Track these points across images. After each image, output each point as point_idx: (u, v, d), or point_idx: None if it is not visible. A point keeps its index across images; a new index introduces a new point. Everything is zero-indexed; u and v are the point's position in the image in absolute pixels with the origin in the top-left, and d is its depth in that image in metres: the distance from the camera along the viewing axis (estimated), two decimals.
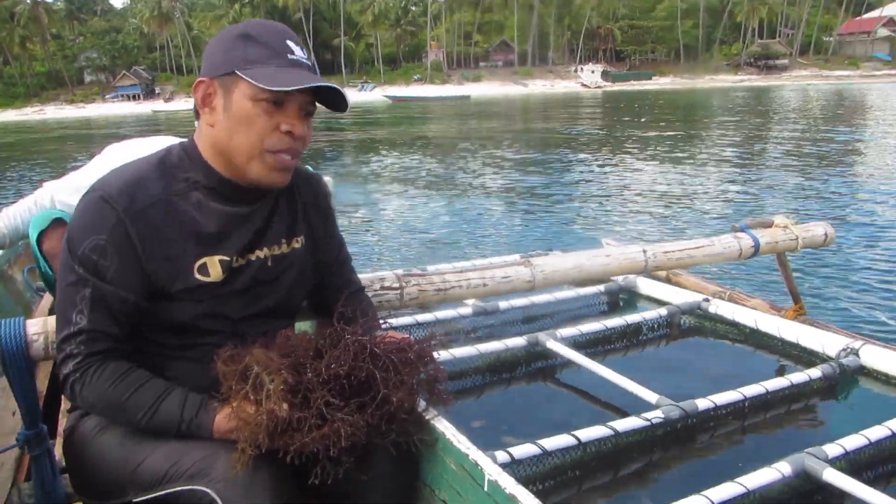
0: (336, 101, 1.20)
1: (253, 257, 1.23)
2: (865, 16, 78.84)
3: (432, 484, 1.26)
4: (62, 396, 1.88)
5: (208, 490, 1.04)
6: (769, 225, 2.53)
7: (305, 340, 1.14)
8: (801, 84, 60.57)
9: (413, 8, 79.09)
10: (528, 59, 76.46)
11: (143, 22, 71.08)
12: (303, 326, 1.50)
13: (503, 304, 2.86)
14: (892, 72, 69.39)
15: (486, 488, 1.12)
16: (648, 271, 2.42)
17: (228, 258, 1.19)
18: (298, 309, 1.39)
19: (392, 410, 1.11)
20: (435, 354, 1.23)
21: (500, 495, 1.08)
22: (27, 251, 2.93)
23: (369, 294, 1.66)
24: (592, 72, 72.25)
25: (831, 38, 79.30)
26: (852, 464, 1.83)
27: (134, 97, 65.23)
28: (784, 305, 2.92)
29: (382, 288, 1.81)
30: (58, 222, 2.00)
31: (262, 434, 1.02)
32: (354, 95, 59.42)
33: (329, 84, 1.15)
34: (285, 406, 1.03)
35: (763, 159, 12.16)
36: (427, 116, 30.57)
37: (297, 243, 1.30)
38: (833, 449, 1.80)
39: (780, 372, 2.29)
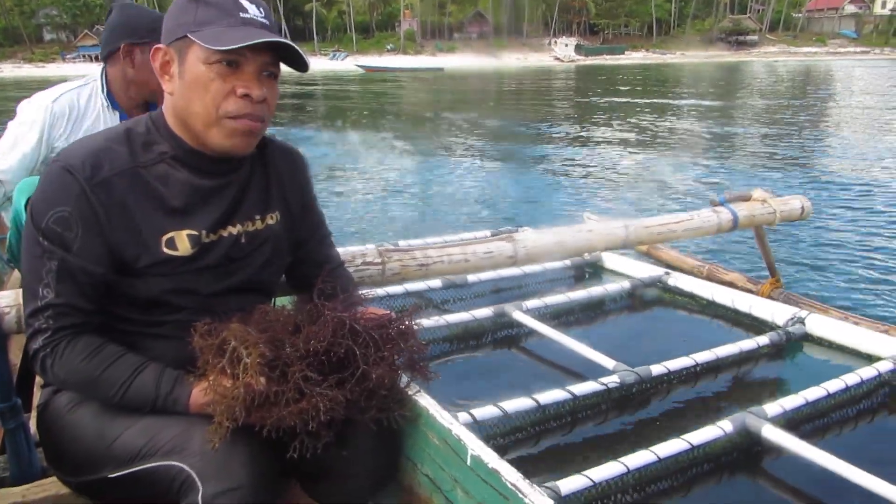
0: (295, 59, 1.14)
1: (225, 233, 1.18)
2: None
3: (415, 458, 1.26)
4: None
5: (184, 466, 1.02)
6: (748, 198, 2.56)
7: (284, 315, 1.12)
8: (769, 61, 61.29)
9: None
10: (502, 31, 75.83)
11: None
12: (283, 302, 1.49)
13: (472, 278, 2.93)
14: (858, 49, 70.71)
15: (468, 462, 1.12)
16: (629, 246, 2.45)
17: (197, 233, 1.14)
18: (275, 285, 1.35)
19: (372, 387, 1.10)
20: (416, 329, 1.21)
21: (483, 469, 1.09)
22: None
23: (350, 269, 1.63)
24: (566, 45, 72.01)
25: (800, 15, 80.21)
26: (790, 422, 1.98)
27: (95, 58, 62.95)
28: (762, 279, 3.01)
29: (364, 263, 1.80)
30: None
31: (238, 407, 1.00)
32: (326, 64, 58.26)
33: (280, 40, 1.09)
34: (262, 379, 1.01)
35: (738, 134, 12.36)
36: (400, 87, 30.22)
37: (272, 219, 1.26)
38: (773, 408, 1.94)
39: (732, 339, 2.41)
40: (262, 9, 1.13)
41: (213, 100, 1.08)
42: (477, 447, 1.11)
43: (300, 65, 1.15)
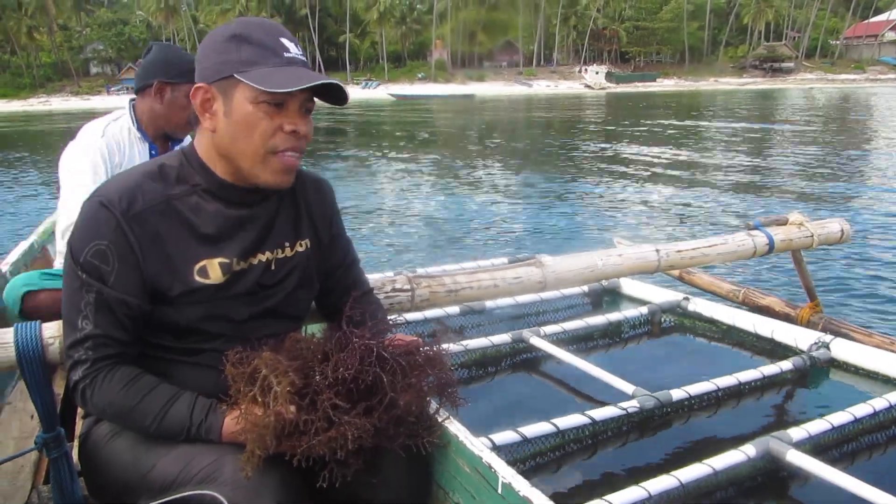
0: (336, 95, 1.17)
1: (255, 261, 1.21)
2: (873, 19, 78.55)
3: (446, 486, 1.27)
4: None
5: (217, 494, 1.03)
6: (784, 222, 2.51)
7: (313, 343, 1.13)
8: (806, 87, 60.44)
9: (419, 6, 79.03)
10: (532, 60, 76.46)
11: (150, 14, 71.14)
12: (313, 329, 1.53)
13: (490, 304, 2.95)
14: None
15: (499, 490, 1.12)
16: (661, 270, 2.41)
17: (228, 261, 1.17)
18: (305, 311, 1.36)
19: (400, 414, 1.11)
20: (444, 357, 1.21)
21: (514, 497, 1.08)
22: (44, 254, 2.96)
23: (380, 296, 1.66)
24: (597, 73, 72.06)
25: (838, 42, 79.09)
26: (816, 447, 1.95)
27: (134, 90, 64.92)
28: (800, 303, 2.97)
29: (393, 290, 1.81)
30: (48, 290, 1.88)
31: (269, 436, 1.02)
32: (359, 92, 59.29)
33: (330, 81, 1.13)
34: (292, 408, 1.03)
35: (774, 159, 12.15)
36: (431, 115, 30.60)
37: (302, 246, 1.29)
38: (798, 433, 1.92)
39: (754, 364, 2.40)
40: (299, 46, 1.18)
41: (261, 138, 1.12)
42: (508, 475, 1.11)
43: (340, 100, 1.19)
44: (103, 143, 2.07)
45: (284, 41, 1.14)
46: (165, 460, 1.11)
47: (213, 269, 1.16)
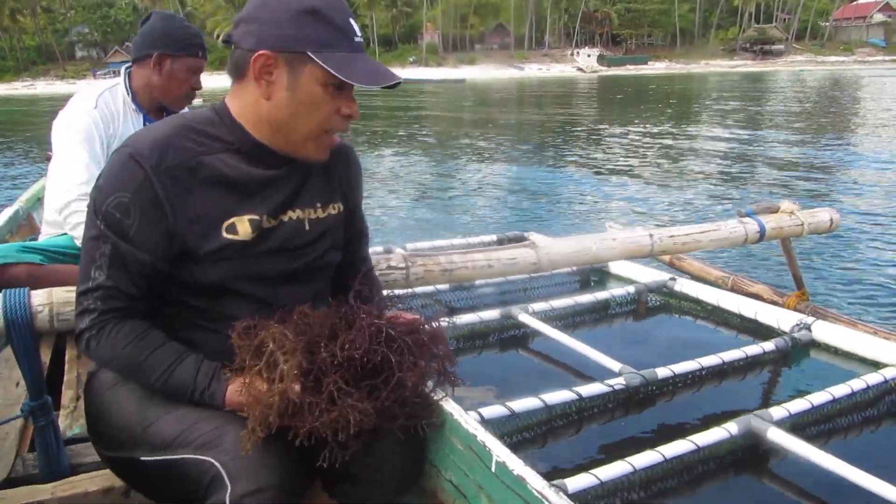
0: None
1: (286, 218, 1.20)
2: (861, 0, 78.77)
3: (439, 464, 1.27)
4: (65, 368, 1.89)
5: (215, 462, 1.03)
6: (775, 210, 2.54)
7: (321, 318, 1.12)
8: (795, 70, 60.53)
9: None
10: (524, 43, 76.05)
11: None
12: None
13: (479, 281, 2.98)
14: (887, 57, 69.49)
15: (493, 469, 1.12)
16: (654, 255, 2.41)
17: (258, 217, 1.16)
18: (328, 279, 1.34)
19: (406, 394, 1.11)
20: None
21: (508, 476, 1.09)
22: (29, 221, 2.96)
23: (375, 272, 1.64)
24: (588, 56, 71.88)
25: (827, 24, 79.15)
26: (795, 425, 2.01)
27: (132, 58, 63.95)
28: (788, 291, 3.01)
29: (389, 267, 1.82)
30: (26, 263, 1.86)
31: (272, 414, 1.02)
32: None
33: (401, 80, 1.18)
34: (297, 388, 1.02)
35: (765, 144, 12.17)
36: (423, 98, 30.46)
37: (335, 210, 1.29)
38: (778, 412, 1.97)
39: (737, 344, 2.45)
40: (360, 28, 1.18)
41: (321, 118, 1.14)
42: (502, 454, 1.12)
43: (392, 87, 1.21)
44: (97, 114, 2.01)
45: (353, 23, 1.15)
46: (167, 418, 1.11)
47: (242, 226, 1.15)
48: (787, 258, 2.86)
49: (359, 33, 1.16)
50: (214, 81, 9.44)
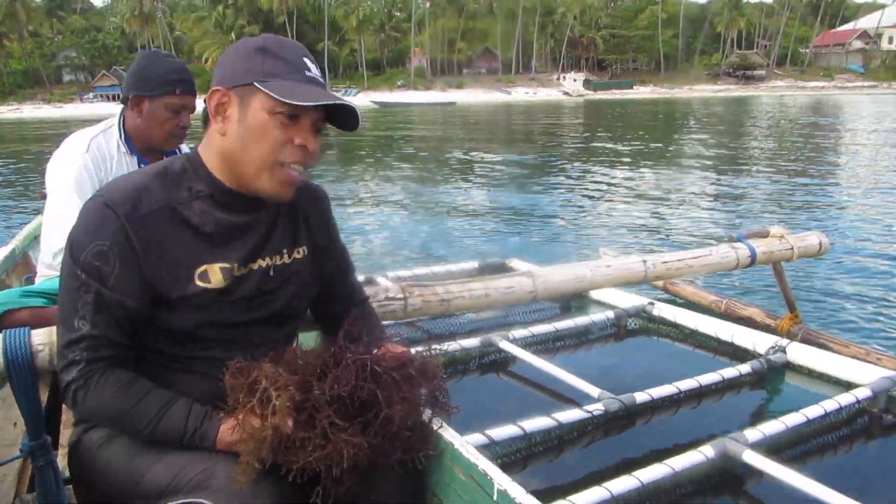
0: (348, 121, 1.21)
1: (255, 266, 1.23)
2: (840, 28, 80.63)
3: (441, 493, 1.25)
4: (63, 407, 1.85)
5: (209, 502, 1.03)
6: (765, 235, 2.58)
7: (313, 357, 1.14)
8: (778, 95, 61.60)
9: (397, 13, 79.36)
10: (511, 67, 77.00)
11: (124, 21, 70.38)
12: (307, 337, 1.52)
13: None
14: (866, 83, 71.06)
15: (495, 497, 1.12)
16: (648, 281, 2.44)
17: (230, 266, 1.19)
18: (302, 318, 1.38)
19: (395, 429, 1.11)
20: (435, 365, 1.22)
21: None
22: (25, 260, 2.95)
23: (373, 304, 1.64)
24: (574, 80, 72.81)
25: (807, 50, 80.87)
26: (771, 447, 2.03)
27: (113, 97, 64.21)
28: (781, 314, 3.05)
29: (387, 298, 1.81)
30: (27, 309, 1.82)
31: (266, 449, 1.02)
32: None
33: (348, 104, 1.17)
34: (290, 422, 1.03)
35: (751, 169, 12.34)
36: (413, 122, 30.67)
37: (299, 253, 1.30)
38: (753, 434, 2.00)
39: (715, 367, 2.47)
40: (318, 68, 1.21)
41: (271, 147, 1.14)
42: (504, 482, 1.12)
43: (350, 126, 1.23)
44: (88, 158, 2.01)
45: (307, 61, 1.18)
46: (158, 467, 1.11)
47: (214, 274, 1.17)
48: (779, 281, 2.89)
49: (313, 71, 1.19)
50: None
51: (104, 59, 67.73)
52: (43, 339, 1.34)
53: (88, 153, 2.03)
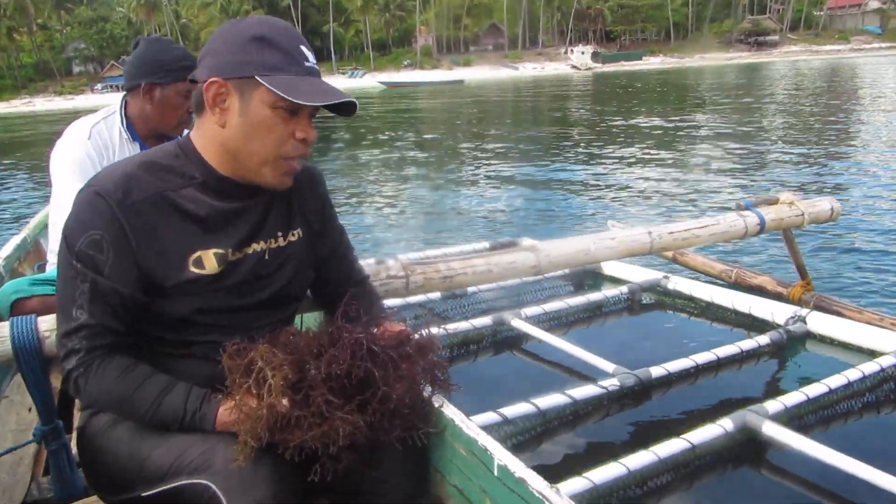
0: (347, 109, 1.20)
1: (250, 251, 1.22)
2: None
3: (443, 469, 1.28)
4: None
5: (210, 483, 1.05)
6: (775, 202, 2.51)
7: (309, 338, 1.15)
8: (791, 60, 60.44)
9: None
10: (518, 42, 76.13)
11: (131, 10, 70.45)
12: (308, 318, 1.53)
13: (471, 288, 2.97)
14: (884, 44, 69.37)
15: (495, 472, 1.14)
16: (654, 252, 2.39)
17: (223, 251, 1.18)
18: (300, 301, 1.37)
19: (394, 407, 1.12)
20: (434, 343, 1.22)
21: (510, 479, 1.11)
22: (37, 248, 2.97)
23: (375, 283, 1.63)
24: (583, 53, 71.90)
25: (821, 13, 79.06)
26: (792, 418, 2.00)
27: (123, 87, 64.28)
28: (792, 282, 2.98)
29: (388, 277, 1.80)
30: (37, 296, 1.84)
31: (262, 427, 1.03)
32: (345, 82, 58.88)
33: (351, 99, 1.16)
34: (285, 401, 1.04)
35: (763, 137, 12.12)
36: (421, 102, 30.49)
37: (294, 236, 1.30)
38: (773, 405, 1.96)
39: (732, 339, 2.44)
40: (313, 54, 1.19)
41: (274, 142, 1.15)
42: (504, 457, 1.13)
43: (349, 114, 1.22)
44: (90, 145, 2.01)
45: (304, 49, 1.17)
46: (159, 450, 1.12)
47: (208, 260, 1.17)
48: (790, 249, 2.84)
49: (311, 59, 1.17)
50: None
51: (112, 49, 67.87)
52: (51, 325, 1.35)
53: (90, 140, 2.03)
